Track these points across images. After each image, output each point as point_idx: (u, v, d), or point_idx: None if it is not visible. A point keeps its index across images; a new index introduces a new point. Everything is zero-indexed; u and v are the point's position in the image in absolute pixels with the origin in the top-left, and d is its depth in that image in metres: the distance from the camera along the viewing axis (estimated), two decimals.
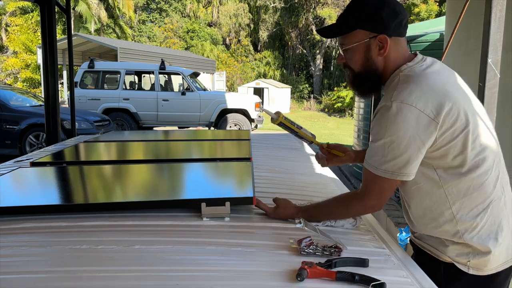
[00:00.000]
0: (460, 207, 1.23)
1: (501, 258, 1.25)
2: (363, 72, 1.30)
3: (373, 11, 1.24)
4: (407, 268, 1.15)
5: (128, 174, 2.09)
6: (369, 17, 1.25)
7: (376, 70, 1.28)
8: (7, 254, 1.15)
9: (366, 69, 1.29)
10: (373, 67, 1.28)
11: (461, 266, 1.25)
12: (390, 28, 1.24)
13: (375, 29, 1.24)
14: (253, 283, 1.01)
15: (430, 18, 21.09)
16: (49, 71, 4.28)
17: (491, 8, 2.21)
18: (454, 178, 1.21)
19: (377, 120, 1.22)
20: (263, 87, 22.03)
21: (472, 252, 1.23)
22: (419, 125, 1.15)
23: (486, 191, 1.22)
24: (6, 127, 7.76)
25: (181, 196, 1.74)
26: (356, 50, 1.28)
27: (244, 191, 1.60)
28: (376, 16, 1.24)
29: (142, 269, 1.07)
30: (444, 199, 1.23)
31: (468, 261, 1.24)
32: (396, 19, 1.24)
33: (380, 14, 1.23)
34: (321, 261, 1.06)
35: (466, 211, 1.22)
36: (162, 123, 11.08)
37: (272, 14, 29.58)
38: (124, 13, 26.66)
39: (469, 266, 1.24)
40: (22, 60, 21.89)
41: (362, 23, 1.25)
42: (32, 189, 1.85)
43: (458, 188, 1.22)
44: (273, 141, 3.42)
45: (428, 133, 1.16)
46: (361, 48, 1.27)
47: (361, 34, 1.26)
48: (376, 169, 1.22)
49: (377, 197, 1.28)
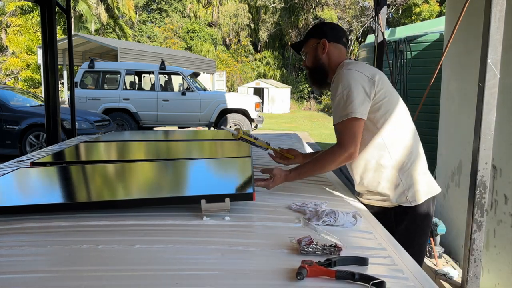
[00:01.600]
0: (394, 152, 1.75)
1: (426, 189, 1.78)
2: (314, 67, 1.89)
3: (319, 26, 1.95)
4: (407, 266, 1.15)
5: (128, 173, 2.09)
6: (316, 31, 1.92)
7: (322, 65, 1.87)
8: (7, 254, 1.16)
9: (316, 65, 1.88)
10: (320, 62, 1.87)
11: (405, 203, 1.76)
12: (329, 36, 1.86)
13: (320, 36, 1.87)
14: (253, 282, 1.02)
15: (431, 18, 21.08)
16: (49, 71, 4.29)
17: (491, 8, 2.21)
18: (389, 127, 1.74)
19: (332, 88, 1.75)
20: (263, 87, 22.03)
21: (406, 189, 1.75)
22: (362, 79, 1.70)
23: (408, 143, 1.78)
24: (6, 127, 7.76)
25: (180, 193, 1.74)
26: (310, 53, 1.90)
27: (244, 188, 1.60)
28: (321, 29, 1.91)
29: (142, 269, 1.07)
30: (382, 145, 1.75)
31: (406, 196, 1.75)
32: (334, 31, 1.89)
33: (323, 28, 1.92)
34: (321, 260, 1.07)
35: (399, 154, 1.75)
36: (162, 123, 11.08)
37: (272, 14, 29.58)
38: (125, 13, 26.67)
39: (409, 201, 1.75)
40: (23, 60, 21.88)
41: (313, 34, 1.91)
42: (32, 189, 1.85)
43: (391, 136, 1.75)
44: (273, 141, 3.42)
45: (369, 86, 1.69)
46: (312, 51, 1.89)
47: (312, 42, 1.89)
48: (341, 117, 1.69)
49: (353, 141, 1.68)
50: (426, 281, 1.08)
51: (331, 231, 1.28)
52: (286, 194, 1.78)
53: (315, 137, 12.58)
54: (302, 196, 1.77)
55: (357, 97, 1.65)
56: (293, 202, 1.60)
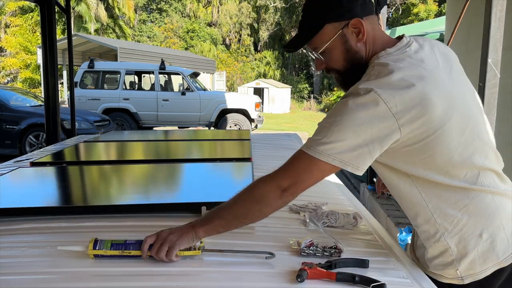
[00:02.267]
0: None
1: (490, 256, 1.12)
2: (349, 66, 1.15)
3: (330, 0, 1.12)
4: (407, 268, 1.15)
5: (128, 175, 2.09)
6: (331, 9, 1.11)
7: (361, 59, 1.14)
8: (7, 255, 1.15)
9: (352, 62, 1.15)
10: (358, 57, 1.14)
11: (456, 281, 1.13)
12: (357, 9, 1.11)
13: (343, 16, 1.11)
14: (253, 284, 1.01)
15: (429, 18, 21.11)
16: (49, 71, 4.28)
17: (491, 8, 2.21)
18: None
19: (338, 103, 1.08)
20: (263, 87, 22.02)
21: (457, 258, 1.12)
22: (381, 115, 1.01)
23: None
24: (6, 127, 7.75)
25: (181, 199, 1.73)
26: (333, 48, 1.14)
27: None
28: (337, 3, 1.11)
29: (142, 270, 1.07)
30: None
31: (456, 269, 1.13)
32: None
33: (339, 0, 1.11)
34: (321, 262, 1.06)
35: None
36: (162, 123, 11.08)
37: (273, 14, 29.57)
38: (124, 13, 26.66)
39: (462, 277, 1.13)
40: (22, 60, 21.86)
41: (327, 17, 1.12)
42: (32, 189, 1.85)
43: None
44: (273, 141, 3.42)
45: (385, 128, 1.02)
46: (337, 43, 1.13)
47: (330, 29, 1.12)
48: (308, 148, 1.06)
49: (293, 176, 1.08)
50: (427, 284, 1.07)
51: (330, 232, 1.27)
52: None
53: None
54: (302, 196, 1.76)
55: (347, 138, 1.01)
56: (293, 203, 1.60)
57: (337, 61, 1.16)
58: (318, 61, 1.19)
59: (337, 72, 1.18)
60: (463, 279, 1.13)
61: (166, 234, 1.10)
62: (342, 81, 1.20)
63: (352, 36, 1.12)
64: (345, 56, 1.14)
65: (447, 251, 1.12)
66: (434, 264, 1.16)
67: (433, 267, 1.17)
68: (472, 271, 1.12)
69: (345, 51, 1.13)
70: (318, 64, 1.20)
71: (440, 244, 1.13)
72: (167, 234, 1.10)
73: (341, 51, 1.14)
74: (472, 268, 1.12)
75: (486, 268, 1.11)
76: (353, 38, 1.12)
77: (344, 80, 1.18)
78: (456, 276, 1.13)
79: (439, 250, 1.14)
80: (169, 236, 1.09)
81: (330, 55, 1.15)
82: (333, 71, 1.19)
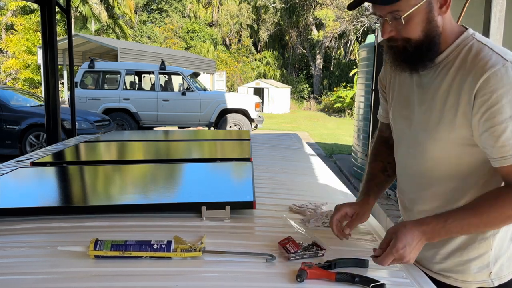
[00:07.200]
0: None
1: None
2: (426, 38, 1.06)
3: None
4: (407, 268, 1.15)
5: (128, 174, 2.09)
6: None
7: (437, 35, 1.06)
8: (8, 255, 1.15)
9: (430, 33, 1.06)
10: (437, 30, 1.06)
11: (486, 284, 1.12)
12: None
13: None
14: (253, 284, 1.01)
15: None
16: (49, 71, 4.28)
17: (491, 8, 2.22)
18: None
19: (491, 92, 0.98)
20: (263, 87, 22.02)
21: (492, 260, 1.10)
22: None
23: None
24: (6, 127, 7.76)
25: (181, 199, 1.74)
26: (415, 15, 1.03)
27: (245, 195, 1.59)
28: None
29: (142, 270, 1.07)
30: None
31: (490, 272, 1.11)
32: None
33: None
34: (321, 262, 1.06)
35: None
36: (162, 123, 11.08)
37: (272, 14, 29.58)
38: (125, 13, 26.66)
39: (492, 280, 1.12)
40: (22, 61, 21.86)
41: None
42: (32, 189, 1.85)
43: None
44: (273, 141, 3.43)
45: None
46: (422, 10, 1.03)
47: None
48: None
49: None
50: (427, 284, 1.07)
51: (331, 232, 1.27)
52: (286, 195, 1.78)
53: (315, 137, 12.59)
54: (303, 197, 1.76)
55: None
56: (294, 203, 1.60)
57: (414, 30, 1.05)
58: (389, 27, 1.07)
59: (408, 42, 1.07)
60: (493, 281, 1.12)
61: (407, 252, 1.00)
62: (405, 55, 1.09)
63: (436, 5, 1.05)
64: (425, 26, 1.05)
65: (487, 253, 1.11)
66: (466, 267, 1.13)
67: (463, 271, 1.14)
68: (501, 274, 1.13)
69: (427, 21, 1.05)
70: (388, 30, 1.07)
71: (485, 244, 1.11)
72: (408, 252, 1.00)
73: (422, 20, 1.05)
74: (501, 271, 1.13)
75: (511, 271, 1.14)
76: (436, 8, 1.05)
77: (415, 52, 1.08)
78: (487, 279, 1.12)
79: (479, 253, 1.12)
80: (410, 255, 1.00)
81: (409, 22, 1.05)
82: (403, 40, 1.08)
